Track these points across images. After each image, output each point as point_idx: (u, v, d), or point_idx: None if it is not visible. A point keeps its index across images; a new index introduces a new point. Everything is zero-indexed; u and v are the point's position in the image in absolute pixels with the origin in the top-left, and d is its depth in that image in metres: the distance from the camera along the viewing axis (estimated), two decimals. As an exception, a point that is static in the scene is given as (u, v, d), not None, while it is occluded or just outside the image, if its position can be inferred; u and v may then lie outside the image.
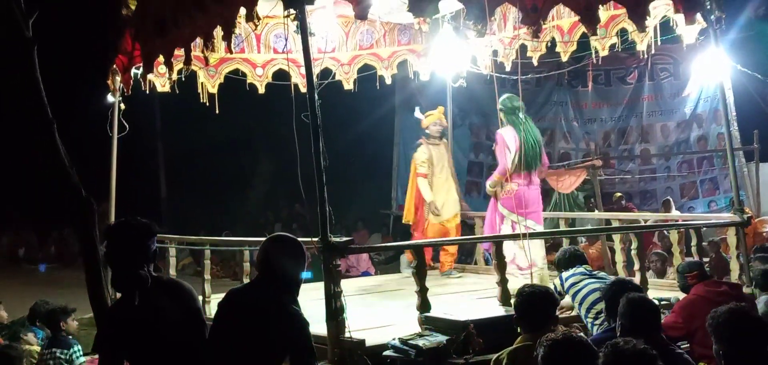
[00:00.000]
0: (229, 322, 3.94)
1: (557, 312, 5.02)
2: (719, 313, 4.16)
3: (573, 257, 6.51)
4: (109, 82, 7.71)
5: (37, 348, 7.19)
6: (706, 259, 9.69)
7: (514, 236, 7.27)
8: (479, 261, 9.65)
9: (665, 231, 10.79)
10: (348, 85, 9.30)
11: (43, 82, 5.71)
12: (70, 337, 7.07)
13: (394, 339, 5.36)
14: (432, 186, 9.12)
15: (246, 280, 6.67)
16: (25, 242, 17.93)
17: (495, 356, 4.56)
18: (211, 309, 5.76)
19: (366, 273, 10.26)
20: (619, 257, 8.44)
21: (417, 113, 9.30)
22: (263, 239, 4.34)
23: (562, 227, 9.55)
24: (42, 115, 5.32)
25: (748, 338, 4.06)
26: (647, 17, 7.13)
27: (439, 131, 9.22)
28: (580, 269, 6.32)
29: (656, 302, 5.93)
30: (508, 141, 7.79)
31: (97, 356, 4.01)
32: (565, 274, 6.35)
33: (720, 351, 4.09)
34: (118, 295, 3.97)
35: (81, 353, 6.87)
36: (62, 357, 6.81)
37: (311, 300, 5.57)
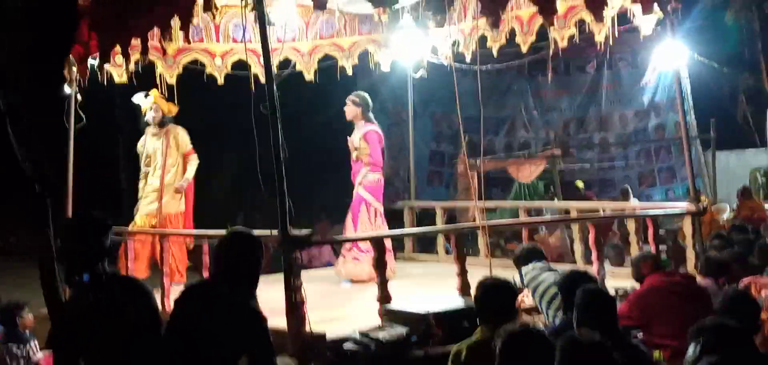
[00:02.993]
0: (186, 319, 3.90)
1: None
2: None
3: (530, 252, 6.55)
4: (66, 72, 7.59)
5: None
6: (663, 247, 9.84)
7: (473, 226, 7.33)
8: (440, 251, 9.69)
9: (623, 220, 10.92)
10: (309, 76, 9.25)
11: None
12: (27, 332, 6.97)
13: (354, 332, 5.39)
14: (145, 178, 8.96)
15: (205, 274, 6.63)
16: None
17: (454, 347, 4.59)
18: (171, 303, 5.72)
19: (329, 264, 10.23)
20: (578, 247, 8.56)
21: (136, 98, 8.93)
22: (223, 231, 4.32)
23: (522, 217, 9.61)
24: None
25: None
26: (605, 8, 7.21)
27: (159, 119, 8.92)
28: (539, 263, 6.38)
29: (613, 292, 6.05)
30: (379, 137, 8.49)
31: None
32: (524, 269, 6.40)
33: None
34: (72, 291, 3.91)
35: (38, 348, 6.78)
36: (18, 352, 6.71)
37: (273, 291, 5.59)
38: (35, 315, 6.85)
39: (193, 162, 9.04)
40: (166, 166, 8.88)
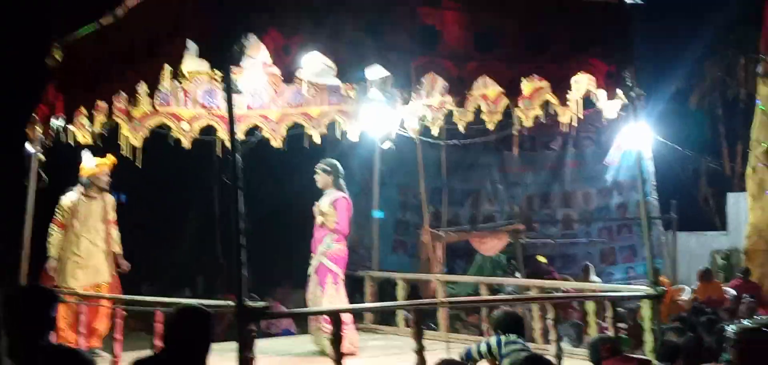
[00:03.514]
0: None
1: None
2: None
3: (513, 322, 6.50)
4: (29, 131, 7.55)
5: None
6: (622, 325, 9.89)
7: (432, 303, 7.33)
8: (400, 323, 9.66)
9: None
10: (276, 144, 9.27)
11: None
12: None
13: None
14: (73, 242, 8.76)
15: (157, 342, 6.54)
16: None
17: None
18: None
19: (287, 331, 10.17)
20: (537, 325, 8.58)
21: (85, 158, 8.84)
22: (178, 300, 4.30)
23: (483, 292, 9.62)
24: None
25: None
26: (569, 91, 7.33)
27: (107, 184, 8.97)
28: (520, 341, 6.34)
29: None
30: (348, 206, 8.54)
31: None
32: (504, 338, 6.34)
33: None
34: None
35: None
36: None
37: (226, 361, 5.53)
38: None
39: (116, 231, 9.05)
40: (103, 231, 8.87)
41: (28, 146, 7.64)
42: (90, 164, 8.79)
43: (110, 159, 8.80)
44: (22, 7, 12.49)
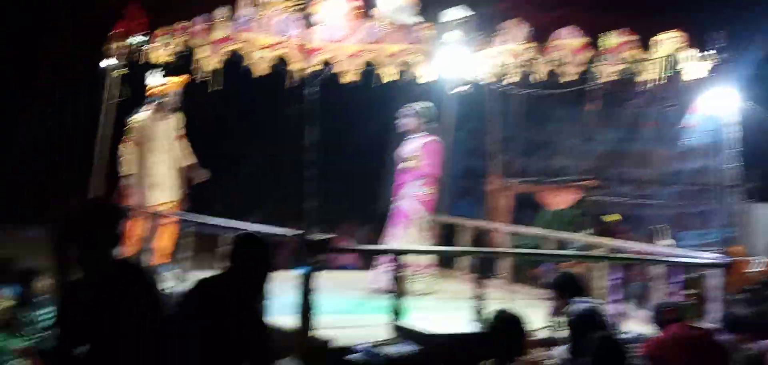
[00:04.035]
0: (192, 314, 3.93)
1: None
2: None
3: (578, 285, 6.13)
4: (108, 48, 7.68)
5: (10, 304, 7.15)
6: (689, 292, 9.67)
7: (494, 252, 7.27)
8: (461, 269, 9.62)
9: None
10: (348, 79, 9.24)
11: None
12: (42, 298, 7.04)
13: (362, 343, 5.36)
14: (143, 161, 8.79)
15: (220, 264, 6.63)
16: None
17: (461, 375, 4.55)
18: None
19: (350, 266, 10.22)
20: (602, 285, 8.45)
21: (153, 77, 8.76)
22: (242, 224, 4.33)
23: (548, 247, 9.49)
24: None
25: None
26: (655, 48, 7.13)
27: (177, 103, 8.94)
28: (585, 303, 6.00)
29: (631, 335, 5.96)
30: (440, 149, 8.60)
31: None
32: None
33: None
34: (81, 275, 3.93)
35: (51, 315, 6.81)
36: (31, 318, 6.79)
37: (288, 289, 5.60)
38: (52, 283, 6.89)
39: (186, 144, 9.14)
40: (172, 150, 8.97)
41: (105, 61, 7.78)
42: (158, 82, 8.78)
43: (181, 78, 8.80)
44: None
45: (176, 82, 8.82)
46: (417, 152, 8.42)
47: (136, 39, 7.39)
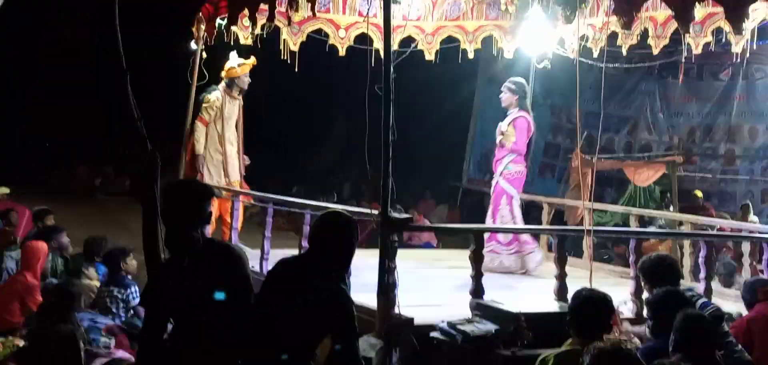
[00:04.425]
0: (275, 293, 4.01)
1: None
2: None
3: (670, 270, 5.62)
4: (194, 29, 7.85)
5: (97, 284, 7.41)
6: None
7: (577, 230, 7.19)
8: (543, 247, 9.53)
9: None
10: (430, 56, 9.24)
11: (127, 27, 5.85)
12: (129, 277, 7.26)
13: (442, 322, 5.38)
14: (216, 139, 8.82)
15: (304, 243, 6.76)
16: (102, 174, 18.42)
17: (542, 355, 4.53)
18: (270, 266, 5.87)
19: (428, 245, 10.25)
20: (688, 261, 8.28)
21: (232, 58, 8.77)
22: (325, 204, 4.40)
23: (633, 224, 9.33)
24: (117, 64, 5.44)
25: None
26: (745, 19, 6.89)
27: (247, 85, 8.90)
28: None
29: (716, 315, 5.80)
30: (528, 126, 8.46)
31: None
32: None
33: None
34: (169, 254, 4.04)
35: (138, 294, 7.01)
36: (119, 295, 7.00)
37: (368, 267, 5.67)
38: (140, 262, 7.08)
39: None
40: (238, 130, 9.08)
41: (192, 43, 7.96)
42: (236, 63, 8.84)
43: (252, 60, 8.87)
44: None
45: (248, 64, 8.89)
46: (508, 128, 8.38)
47: (222, 21, 7.53)
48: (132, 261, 7.35)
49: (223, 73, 8.87)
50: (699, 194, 14.22)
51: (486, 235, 7.66)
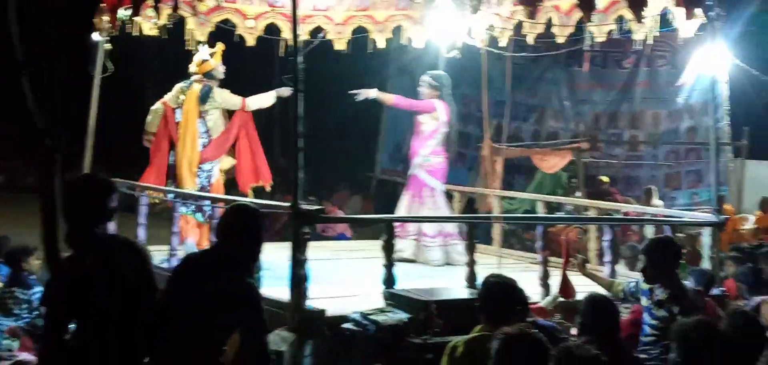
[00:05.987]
0: (182, 289, 3.93)
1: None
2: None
3: (678, 254, 5.76)
4: (96, 20, 7.63)
5: (1, 284, 7.15)
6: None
7: (486, 218, 7.30)
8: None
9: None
10: (340, 46, 9.20)
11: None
12: (32, 277, 7.03)
13: (355, 312, 5.39)
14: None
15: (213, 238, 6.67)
16: (7, 170, 17.75)
17: (452, 342, 4.57)
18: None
19: (342, 236, 10.25)
20: (594, 246, 8.50)
21: (202, 52, 8.19)
22: (234, 198, 4.33)
23: (541, 210, 9.53)
24: (12, 56, 5.25)
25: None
26: (646, 7, 7.09)
27: (223, 74, 8.29)
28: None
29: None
30: (444, 113, 8.50)
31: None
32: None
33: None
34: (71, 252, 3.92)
35: (42, 294, 6.78)
36: (22, 297, 6.77)
37: (281, 260, 5.63)
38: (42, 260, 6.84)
39: None
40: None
41: (94, 35, 7.73)
42: (206, 56, 8.17)
43: (221, 46, 8.29)
44: None
45: (219, 51, 8.23)
46: (426, 119, 8.46)
47: (125, 12, 7.33)
48: (35, 261, 7.12)
49: (195, 69, 8.14)
50: (605, 179, 14.62)
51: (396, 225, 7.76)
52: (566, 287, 6.21)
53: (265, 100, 8.26)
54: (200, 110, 8.06)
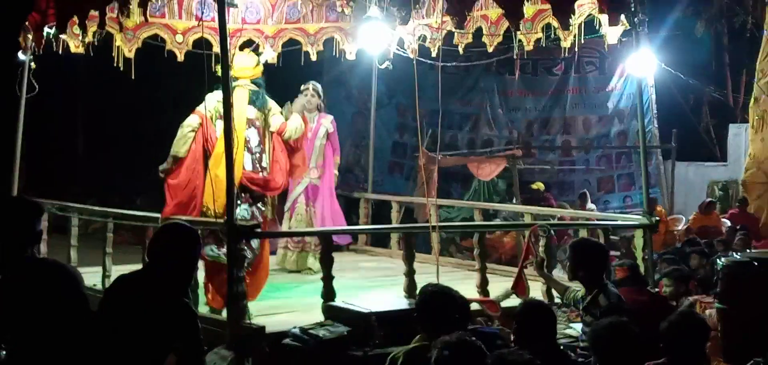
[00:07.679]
0: (115, 311, 3.83)
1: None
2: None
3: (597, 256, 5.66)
4: (21, 39, 7.43)
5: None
6: (616, 253, 9.91)
7: (424, 227, 7.31)
8: (393, 245, 9.66)
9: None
10: (271, 60, 9.12)
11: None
12: None
13: (294, 328, 5.34)
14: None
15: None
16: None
17: (392, 353, 4.55)
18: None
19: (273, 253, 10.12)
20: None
21: (250, 58, 7.63)
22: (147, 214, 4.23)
23: (477, 217, 9.61)
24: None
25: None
26: (572, 15, 7.21)
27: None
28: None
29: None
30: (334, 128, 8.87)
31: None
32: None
33: None
34: None
35: None
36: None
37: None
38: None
39: None
40: None
41: (19, 54, 7.53)
42: (257, 61, 7.50)
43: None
44: None
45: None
46: (320, 130, 8.56)
47: (50, 30, 7.16)
48: None
49: (243, 74, 7.35)
50: (540, 186, 14.83)
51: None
52: (520, 283, 6.25)
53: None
54: (252, 118, 7.27)
